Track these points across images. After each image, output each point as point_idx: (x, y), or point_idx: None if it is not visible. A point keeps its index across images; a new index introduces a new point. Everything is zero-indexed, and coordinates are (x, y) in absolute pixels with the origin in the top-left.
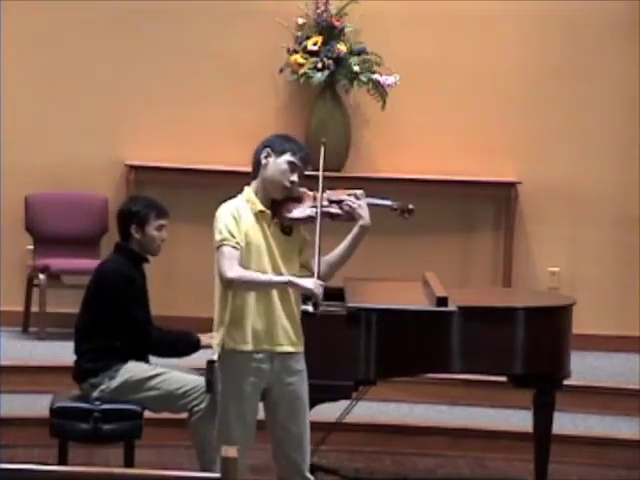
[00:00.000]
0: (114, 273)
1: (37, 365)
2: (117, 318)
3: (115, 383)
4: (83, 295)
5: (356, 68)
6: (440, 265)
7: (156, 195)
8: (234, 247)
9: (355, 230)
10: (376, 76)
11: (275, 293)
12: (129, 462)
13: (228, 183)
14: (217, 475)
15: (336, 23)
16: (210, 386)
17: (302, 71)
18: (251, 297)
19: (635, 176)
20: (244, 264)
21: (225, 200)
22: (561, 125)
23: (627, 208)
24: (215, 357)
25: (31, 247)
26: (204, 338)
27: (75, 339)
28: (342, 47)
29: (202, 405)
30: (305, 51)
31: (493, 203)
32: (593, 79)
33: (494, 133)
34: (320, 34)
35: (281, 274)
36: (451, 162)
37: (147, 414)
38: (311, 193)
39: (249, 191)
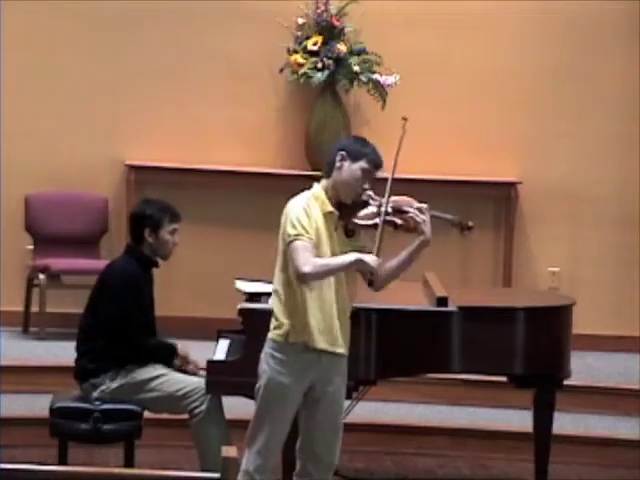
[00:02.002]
0: (120, 275)
1: (37, 365)
2: (117, 319)
3: (116, 384)
4: (89, 294)
5: (356, 68)
6: (440, 265)
7: (156, 195)
8: (308, 241)
9: (415, 244)
10: (376, 76)
11: (332, 295)
12: (129, 462)
13: (228, 183)
14: (217, 475)
15: (336, 23)
16: (211, 387)
17: (302, 71)
18: (310, 295)
19: (635, 176)
20: None
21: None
22: (561, 125)
23: (627, 208)
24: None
25: (31, 247)
26: (181, 347)
27: (78, 338)
28: (342, 47)
29: (202, 407)
30: (305, 51)
31: (493, 203)
32: (593, 79)
33: (494, 133)
34: (320, 34)
35: (339, 279)
36: (451, 162)
37: (147, 414)
38: (377, 198)
39: (319, 189)
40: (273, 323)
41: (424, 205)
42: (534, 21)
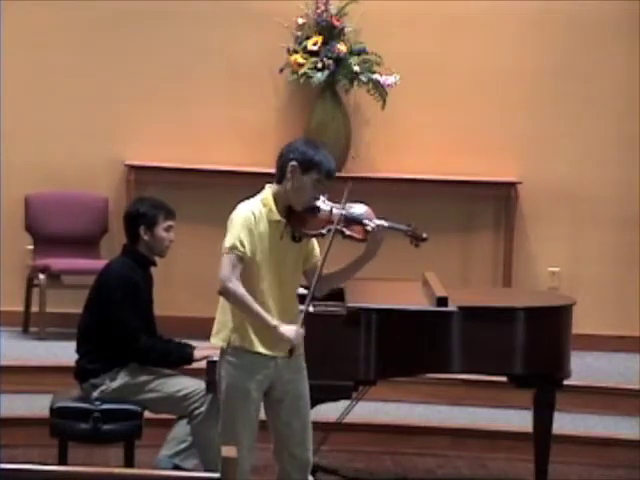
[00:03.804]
0: (118, 276)
1: (37, 365)
2: (113, 321)
3: (115, 384)
4: (87, 295)
5: (356, 68)
6: (440, 265)
7: (156, 195)
8: (240, 257)
9: (360, 257)
10: (376, 76)
11: (277, 296)
12: (129, 462)
13: (228, 183)
14: (217, 475)
15: (336, 23)
16: (211, 387)
17: (302, 71)
18: (254, 300)
19: (635, 176)
20: (252, 273)
21: (240, 200)
22: (561, 125)
23: (627, 208)
24: (215, 357)
25: (31, 247)
26: (197, 352)
27: (77, 339)
28: (342, 47)
29: (202, 408)
30: (305, 51)
31: (493, 203)
32: (593, 79)
33: (494, 133)
34: (320, 34)
35: (285, 282)
36: (451, 162)
37: (147, 414)
38: (330, 204)
39: (269, 194)
40: (220, 330)
41: (384, 223)
42: (534, 21)
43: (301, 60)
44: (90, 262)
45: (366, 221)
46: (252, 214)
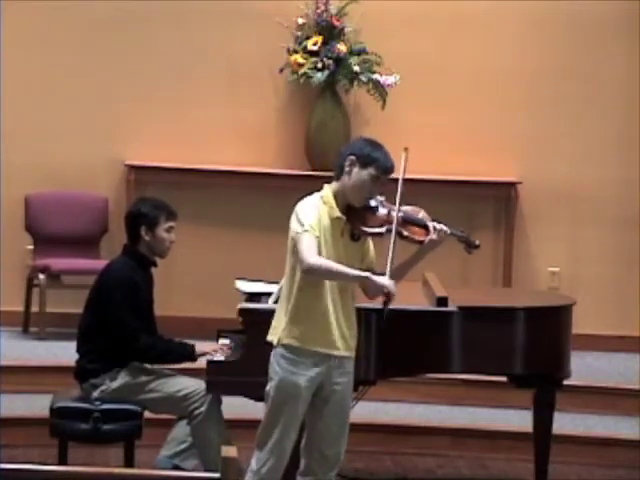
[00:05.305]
0: (118, 276)
1: (37, 365)
2: (113, 321)
3: (116, 384)
4: (87, 295)
5: (356, 68)
6: (440, 265)
7: (156, 195)
8: (314, 237)
9: (410, 259)
10: (376, 76)
11: (337, 297)
12: (129, 462)
13: (228, 183)
14: (217, 475)
15: (336, 23)
16: (211, 387)
17: (302, 71)
18: (315, 299)
19: (635, 176)
20: None
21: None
22: (561, 125)
23: (627, 208)
24: (216, 357)
25: (31, 247)
26: (198, 349)
27: (78, 339)
28: (342, 47)
29: (202, 408)
30: (305, 51)
31: (493, 203)
32: (593, 79)
33: (494, 133)
34: (320, 34)
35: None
36: (451, 162)
37: (147, 414)
38: (388, 205)
39: (329, 192)
40: (277, 324)
41: (444, 228)
42: (534, 21)
43: (301, 60)
44: (90, 262)
45: (429, 223)
46: (316, 208)
